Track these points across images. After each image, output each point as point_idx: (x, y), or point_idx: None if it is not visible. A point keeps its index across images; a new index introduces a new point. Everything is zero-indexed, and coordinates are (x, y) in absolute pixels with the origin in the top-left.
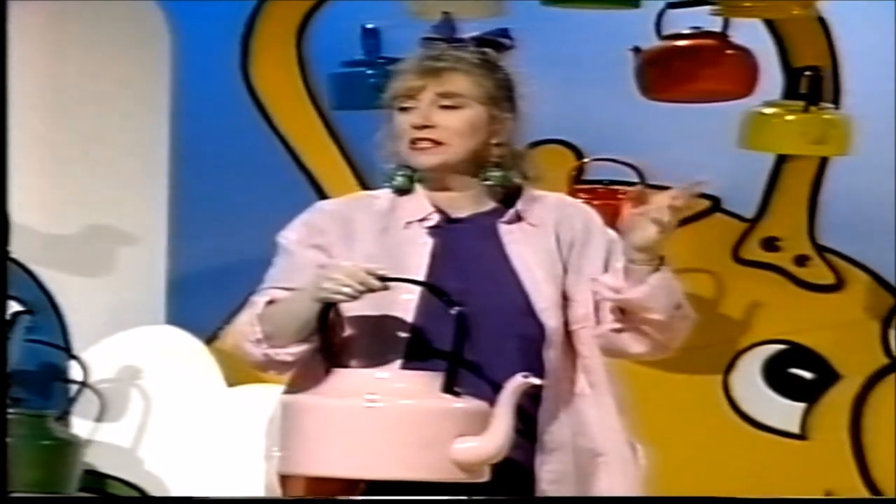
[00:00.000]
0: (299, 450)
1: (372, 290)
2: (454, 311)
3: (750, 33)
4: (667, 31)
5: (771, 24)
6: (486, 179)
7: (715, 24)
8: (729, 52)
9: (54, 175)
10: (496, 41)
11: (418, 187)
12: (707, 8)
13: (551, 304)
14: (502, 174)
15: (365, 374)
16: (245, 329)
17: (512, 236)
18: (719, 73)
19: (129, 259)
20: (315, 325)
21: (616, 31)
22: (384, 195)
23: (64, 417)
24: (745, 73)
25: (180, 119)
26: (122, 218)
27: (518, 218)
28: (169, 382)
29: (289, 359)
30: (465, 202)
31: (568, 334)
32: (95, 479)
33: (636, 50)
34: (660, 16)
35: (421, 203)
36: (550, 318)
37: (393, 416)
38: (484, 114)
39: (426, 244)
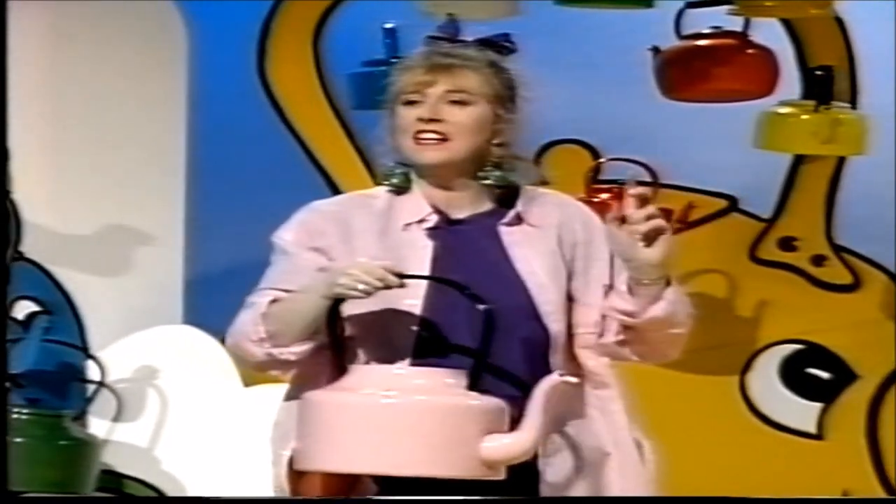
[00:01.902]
0: (315, 445)
1: (389, 286)
2: (482, 308)
3: (768, 33)
4: (686, 31)
5: (788, 24)
6: (484, 179)
7: (734, 24)
8: (749, 51)
9: (72, 175)
10: (499, 44)
11: (416, 186)
12: (725, 7)
13: (556, 308)
14: (501, 174)
15: (382, 370)
16: (247, 329)
17: (513, 238)
18: (740, 72)
19: (146, 259)
20: (320, 324)
21: (632, 31)
22: (380, 194)
23: (81, 417)
24: (765, 72)
25: (197, 118)
26: (139, 218)
27: (519, 219)
28: (186, 382)
29: (292, 357)
30: (464, 202)
31: (571, 336)
32: (112, 478)
33: (655, 50)
34: (679, 15)
35: (419, 203)
36: (555, 322)
37: (409, 412)
38: (490, 112)
39: (427, 247)
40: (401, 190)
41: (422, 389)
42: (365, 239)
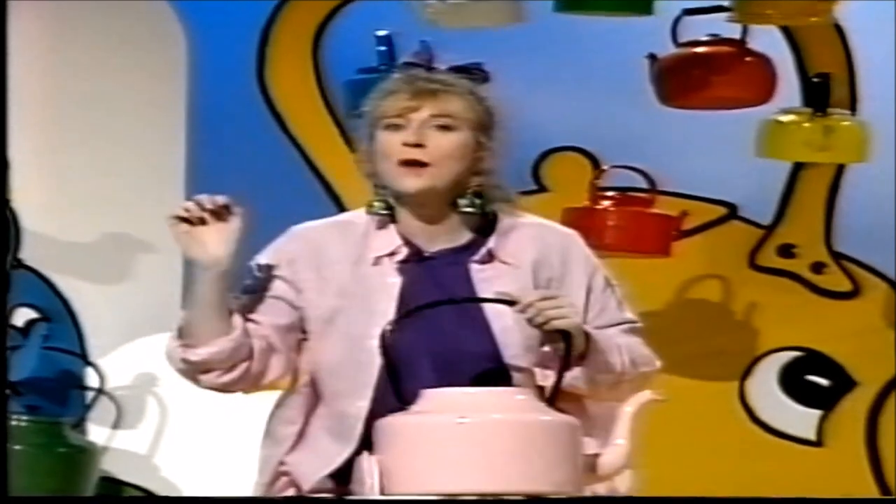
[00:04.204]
0: (403, 470)
1: (191, 216)
2: (561, 325)
3: (767, 40)
4: (683, 39)
5: (787, 31)
6: (462, 207)
7: (732, 32)
8: (747, 59)
9: (71, 183)
10: (472, 71)
11: (392, 217)
12: (723, 15)
13: (519, 350)
14: (479, 203)
15: (452, 393)
16: (167, 341)
17: (483, 275)
18: (737, 80)
19: (146, 266)
20: (223, 321)
21: (631, 39)
22: (360, 220)
23: (80, 424)
24: (763, 80)
25: (196, 125)
26: (139, 225)
27: (490, 256)
28: (185, 389)
29: (194, 358)
30: (440, 233)
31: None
32: (111, 486)
33: (652, 58)
34: (676, 23)
35: (391, 235)
36: (518, 364)
37: (485, 431)
38: (472, 139)
39: (395, 284)
40: (381, 217)
41: (493, 408)
42: (337, 270)
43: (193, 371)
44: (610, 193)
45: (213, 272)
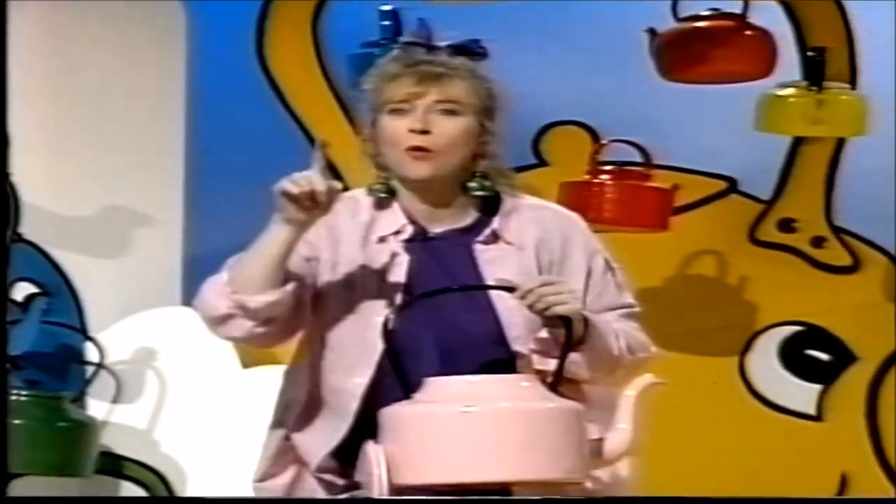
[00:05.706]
0: (409, 459)
1: (315, 194)
2: (561, 311)
3: (767, 15)
4: (683, 13)
5: (787, 6)
6: (472, 191)
7: (732, 6)
8: (747, 33)
9: (70, 157)
10: (471, 49)
11: (397, 197)
12: None
13: (523, 331)
14: (484, 185)
15: (457, 381)
16: (212, 283)
17: (487, 256)
18: (737, 54)
19: (145, 240)
20: (281, 271)
21: (631, 13)
22: (365, 202)
23: (80, 399)
24: (763, 54)
25: (196, 100)
26: (138, 199)
27: (495, 237)
28: (184, 364)
29: (251, 305)
30: (444, 215)
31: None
32: (111, 460)
33: (652, 32)
34: None
35: (396, 215)
36: (521, 346)
37: (491, 420)
38: (476, 123)
39: (401, 263)
40: (383, 201)
41: (499, 397)
42: (349, 244)
43: (241, 316)
44: (609, 168)
45: (291, 228)
